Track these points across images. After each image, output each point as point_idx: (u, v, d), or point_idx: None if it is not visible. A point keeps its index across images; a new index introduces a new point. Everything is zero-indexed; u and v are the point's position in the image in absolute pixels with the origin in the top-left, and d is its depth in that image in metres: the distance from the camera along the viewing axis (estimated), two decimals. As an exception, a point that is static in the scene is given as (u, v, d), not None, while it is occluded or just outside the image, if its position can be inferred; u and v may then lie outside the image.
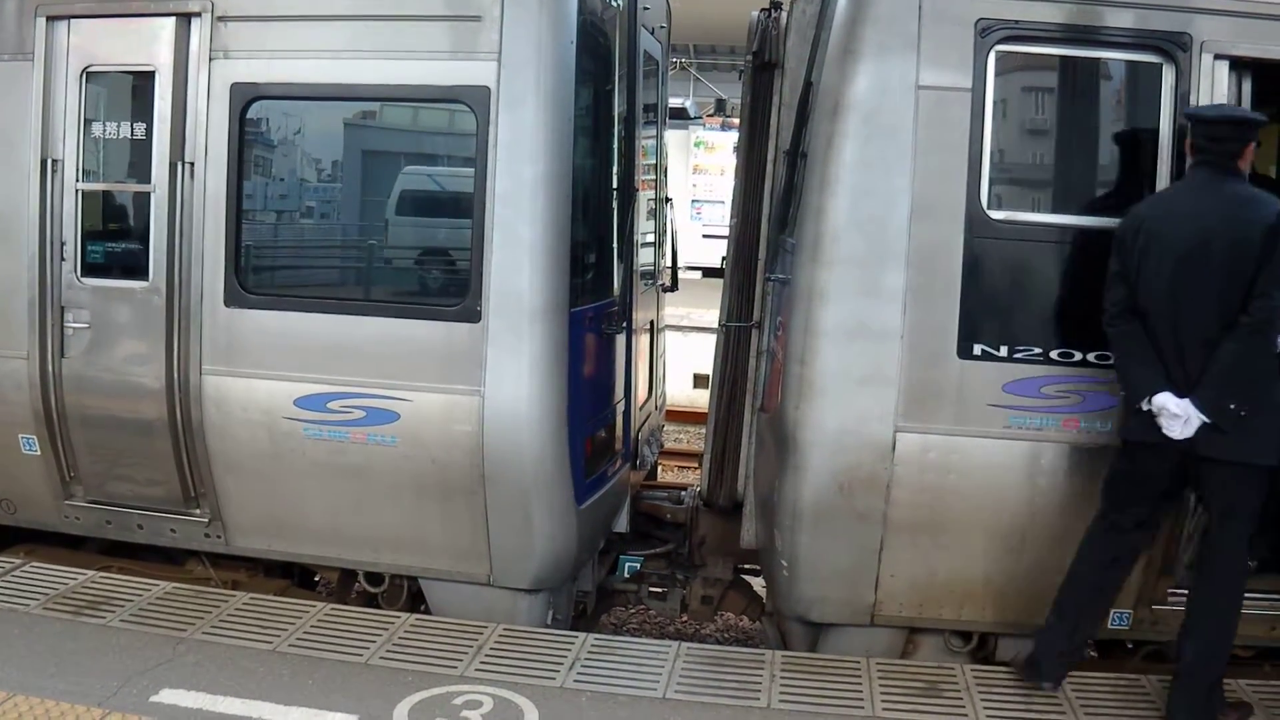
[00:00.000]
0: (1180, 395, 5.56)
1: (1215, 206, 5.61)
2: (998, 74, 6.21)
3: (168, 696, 5.70)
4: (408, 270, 7.47)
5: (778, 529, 6.62)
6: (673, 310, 12.39)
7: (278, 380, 6.94)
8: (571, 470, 6.89)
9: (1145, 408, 5.65)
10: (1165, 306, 5.62)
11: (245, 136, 6.98)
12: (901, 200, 6.21)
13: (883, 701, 5.97)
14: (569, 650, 6.44)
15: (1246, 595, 5.92)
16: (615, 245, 7.69)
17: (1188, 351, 5.59)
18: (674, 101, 24.09)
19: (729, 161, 24.55)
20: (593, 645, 6.56)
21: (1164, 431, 5.58)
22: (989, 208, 6.22)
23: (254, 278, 7.13)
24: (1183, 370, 5.59)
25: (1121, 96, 6.56)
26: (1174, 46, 6.12)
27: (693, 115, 29.04)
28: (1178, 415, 5.54)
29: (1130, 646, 7.01)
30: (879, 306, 6.27)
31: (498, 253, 6.57)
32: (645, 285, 8.90)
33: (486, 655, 6.32)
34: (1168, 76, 6.17)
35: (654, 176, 9.41)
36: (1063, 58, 6.35)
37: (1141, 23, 6.13)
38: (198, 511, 7.37)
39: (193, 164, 6.99)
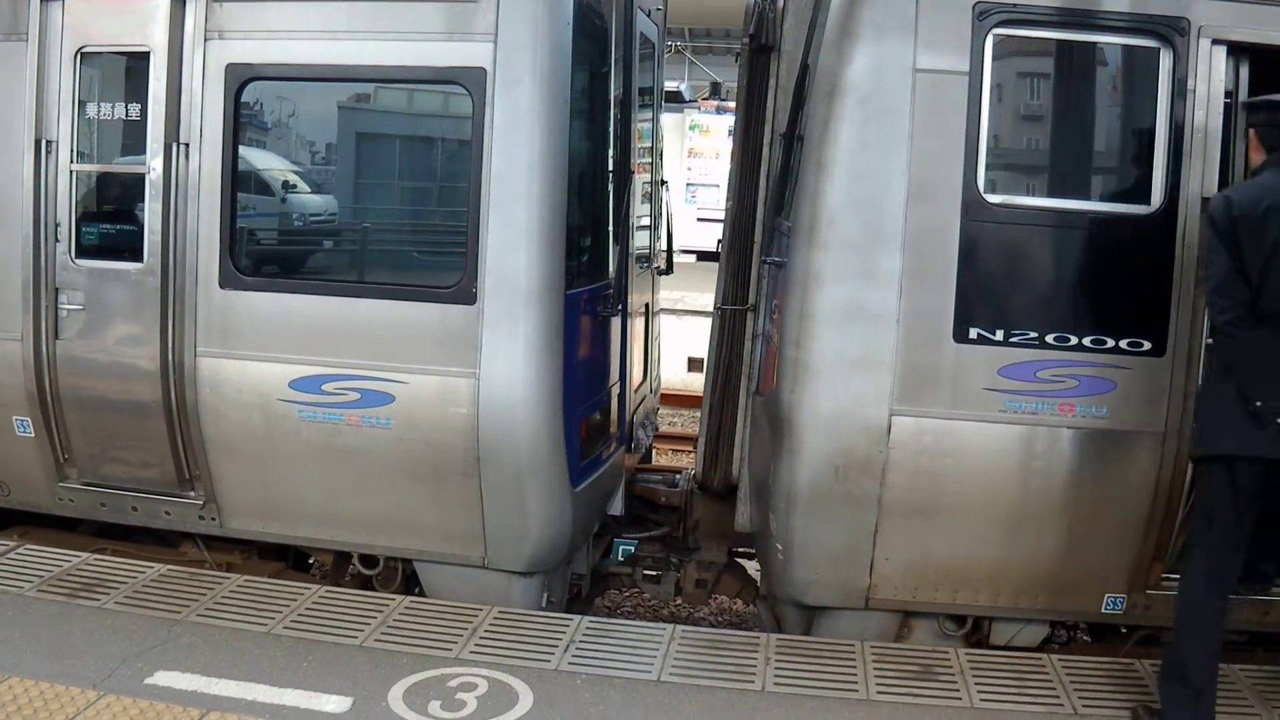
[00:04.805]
0: None
1: None
2: (995, 58, 6.20)
3: (163, 678, 5.69)
4: (403, 252, 7.45)
5: (772, 512, 6.62)
6: (667, 294, 12.38)
7: (272, 362, 6.93)
8: (566, 453, 6.90)
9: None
10: None
11: (240, 118, 6.96)
12: (898, 183, 6.20)
13: (877, 684, 5.98)
14: (564, 633, 6.45)
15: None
16: (611, 228, 7.69)
17: None
18: (669, 85, 24.02)
19: (724, 145, 24.59)
20: (587, 628, 6.57)
21: None
22: (985, 191, 6.21)
23: (249, 260, 7.12)
24: None
25: (1119, 81, 6.54)
26: (1172, 31, 6.11)
27: (688, 98, 29.03)
28: None
29: (1124, 631, 7.02)
30: (874, 290, 6.26)
31: (493, 235, 6.56)
32: (640, 268, 8.90)
33: (481, 638, 6.32)
34: (1165, 61, 6.16)
35: (649, 160, 9.40)
36: (1060, 42, 6.33)
37: (1139, 7, 6.12)
38: (192, 494, 7.36)
39: (187, 145, 6.97)
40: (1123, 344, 6.16)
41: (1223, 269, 5.29)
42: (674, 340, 15.43)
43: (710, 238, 22.74)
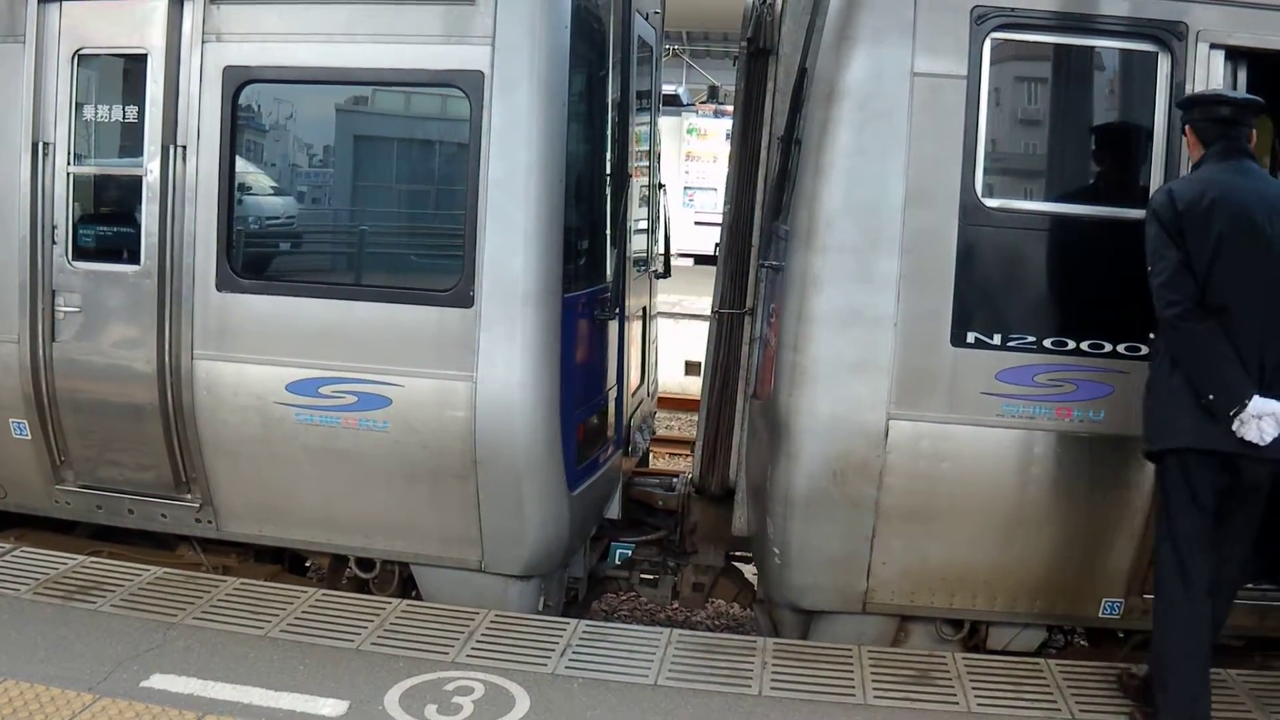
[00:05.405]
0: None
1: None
2: (993, 62, 6.20)
3: (158, 681, 5.68)
4: (400, 255, 7.44)
5: (770, 516, 6.62)
6: (665, 297, 12.39)
7: (269, 365, 6.92)
8: (564, 456, 6.89)
9: (1235, 413, 5.23)
10: (1258, 301, 5.29)
11: (238, 120, 6.95)
12: (895, 187, 6.20)
13: (874, 689, 5.97)
14: (560, 637, 6.44)
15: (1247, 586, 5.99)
16: (608, 231, 7.68)
17: (1269, 349, 5.30)
18: (667, 88, 24.01)
19: (722, 148, 24.62)
20: (584, 632, 6.56)
21: (1252, 439, 5.22)
22: (983, 195, 6.21)
23: (246, 262, 7.11)
24: (1259, 370, 5.29)
25: (1116, 85, 6.55)
26: (1170, 35, 6.11)
27: (686, 102, 29.01)
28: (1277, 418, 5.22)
29: (1121, 636, 7.02)
30: (872, 293, 6.26)
31: (491, 238, 6.56)
32: (638, 272, 8.90)
33: (478, 641, 6.31)
34: (1163, 65, 6.16)
35: (647, 163, 9.40)
36: (1058, 46, 6.34)
37: (1137, 11, 6.13)
38: (189, 496, 7.35)
39: (185, 147, 6.97)
40: (1120, 348, 6.15)
41: (1171, 263, 5.33)
42: (671, 344, 15.41)
43: (708, 241, 22.74)
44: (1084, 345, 6.18)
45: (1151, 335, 5.70)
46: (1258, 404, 5.20)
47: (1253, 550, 5.77)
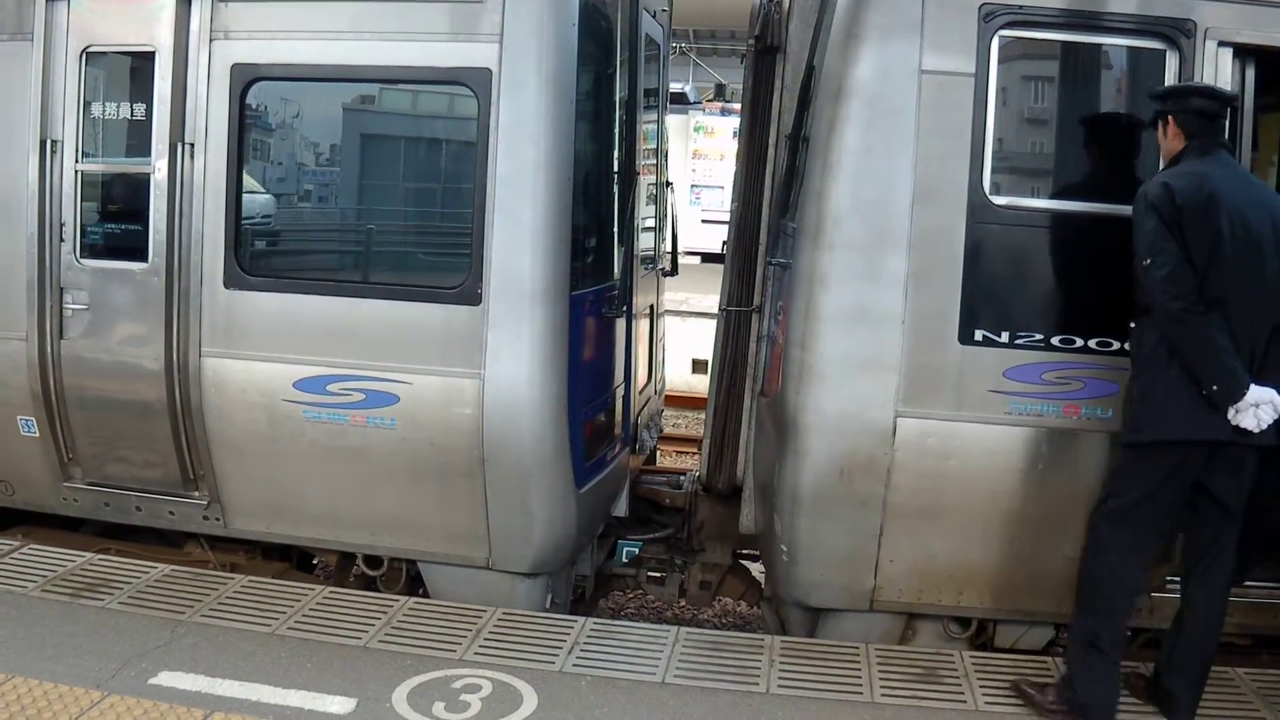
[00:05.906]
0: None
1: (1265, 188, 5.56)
2: (1001, 59, 6.20)
3: (166, 679, 5.69)
4: (407, 253, 7.45)
5: (777, 514, 6.61)
6: (672, 295, 12.38)
7: (277, 362, 6.92)
8: (571, 454, 6.89)
9: (1235, 402, 5.27)
10: (1251, 292, 5.32)
11: (245, 118, 6.96)
12: (903, 185, 6.20)
13: (881, 687, 5.97)
14: (568, 634, 6.44)
15: (1249, 584, 5.95)
16: (616, 229, 7.68)
17: (1258, 339, 5.35)
18: (674, 86, 24.00)
19: (728, 146, 24.55)
20: (591, 629, 6.56)
21: (1249, 426, 5.25)
22: (991, 193, 6.20)
23: (253, 260, 7.12)
24: (1250, 360, 5.34)
25: (1124, 83, 6.54)
26: (1177, 33, 6.10)
27: (692, 100, 28.99)
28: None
29: (1129, 634, 7.00)
30: (880, 291, 6.25)
31: (498, 235, 6.56)
32: (645, 270, 8.89)
33: (485, 639, 6.32)
34: (1171, 63, 6.15)
35: (654, 161, 9.39)
36: (1066, 43, 6.32)
37: (1145, 8, 6.12)
38: (196, 494, 7.36)
39: (193, 145, 6.97)
40: (1128, 346, 6.14)
41: (1173, 257, 5.32)
42: (678, 342, 15.41)
43: (715, 239, 22.68)
44: (1092, 343, 6.17)
45: (1131, 325, 5.69)
46: (1256, 392, 5.24)
47: (1266, 545, 5.80)
